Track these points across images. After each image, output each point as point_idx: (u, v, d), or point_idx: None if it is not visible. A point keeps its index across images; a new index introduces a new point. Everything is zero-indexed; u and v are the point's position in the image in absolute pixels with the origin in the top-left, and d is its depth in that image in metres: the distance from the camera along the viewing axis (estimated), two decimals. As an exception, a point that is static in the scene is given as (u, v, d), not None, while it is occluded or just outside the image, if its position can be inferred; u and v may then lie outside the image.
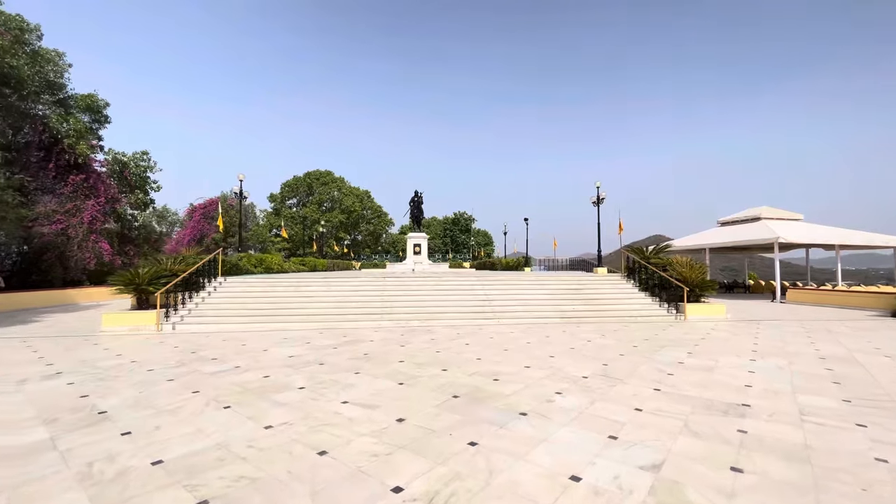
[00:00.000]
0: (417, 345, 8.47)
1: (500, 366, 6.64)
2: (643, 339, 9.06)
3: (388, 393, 5.22)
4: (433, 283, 14.52)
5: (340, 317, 11.69)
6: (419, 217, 35.89)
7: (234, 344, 8.69)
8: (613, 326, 10.99)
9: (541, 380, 5.81)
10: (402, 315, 11.94)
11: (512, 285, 14.58)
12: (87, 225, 21.23)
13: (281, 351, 7.90)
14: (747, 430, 4.01)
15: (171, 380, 5.90)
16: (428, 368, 6.49)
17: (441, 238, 69.38)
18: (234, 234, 42.11)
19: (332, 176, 55.65)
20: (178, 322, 11.07)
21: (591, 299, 13.57)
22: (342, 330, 10.47)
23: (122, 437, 3.91)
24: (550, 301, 13.34)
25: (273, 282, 13.92)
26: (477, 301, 13.16)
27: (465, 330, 10.40)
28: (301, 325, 11.10)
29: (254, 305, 12.23)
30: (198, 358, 7.33)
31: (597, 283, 15.03)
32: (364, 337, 9.45)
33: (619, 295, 14.17)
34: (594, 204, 19.84)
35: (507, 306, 12.84)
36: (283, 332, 10.12)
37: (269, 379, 5.90)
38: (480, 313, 12.29)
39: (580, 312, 12.56)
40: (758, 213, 23.00)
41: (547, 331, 10.26)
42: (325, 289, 13.66)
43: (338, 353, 7.72)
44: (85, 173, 22.10)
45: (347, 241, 58.25)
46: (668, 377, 5.96)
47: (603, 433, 3.94)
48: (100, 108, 23.95)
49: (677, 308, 12.82)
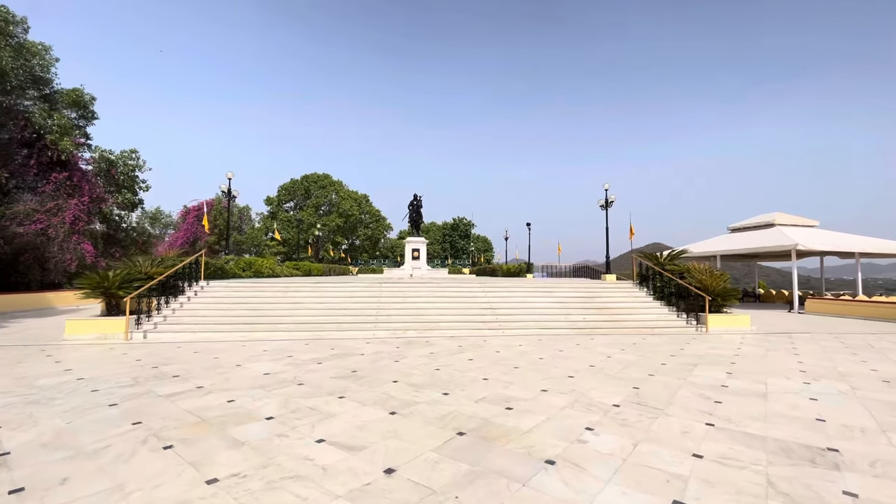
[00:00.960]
0: (414, 360, 7.43)
1: (511, 388, 5.61)
2: (669, 355, 8.03)
3: (376, 427, 4.19)
4: (432, 290, 13.50)
5: (330, 326, 10.64)
6: (418, 221, 34.94)
7: (205, 357, 7.63)
8: (631, 339, 9.96)
9: (564, 409, 4.77)
10: (399, 325, 10.90)
11: (516, 292, 13.56)
12: (69, 225, 20.18)
13: (257, 367, 6.85)
14: (857, 493, 2.98)
15: (115, 405, 4.85)
16: (426, 391, 5.45)
17: (440, 243, 68.44)
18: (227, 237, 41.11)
19: (329, 179, 54.75)
20: (150, 330, 10.01)
21: (603, 308, 12.55)
22: (331, 341, 9.42)
23: (9, 496, 2.86)
24: (559, 310, 12.31)
25: (259, 287, 12.87)
26: (479, 310, 12.13)
27: (468, 342, 9.36)
28: (286, 334, 10.05)
29: (236, 312, 11.18)
30: (157, 375, 6.28)
31: (608, 291, 14.01)
32: (355, 350, 8.40)
33: (632, 304, 13.16)
34: (602, 207, 18.89)
35: (513, 316, 11.81)
36: (264, 343, 9.07)
37: (232, 405, 4.86)
38: (484, 323, 11.25)
39: (592, 323, 11.53)
40: (771, 219, 22.07)
41: (559, 343, 9.23)
42: (315, 295, 12.62)
43: (322, 369, 6.67)
44: (68, 171, 21.10)
45: (345, 246, 57.24)
46: (716, 406, 4.93)
47: (663, 496, 2.91)
48: (86, 104, 23.02)
49: (697, 319, 11.80)
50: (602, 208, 18.84)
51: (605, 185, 18.47)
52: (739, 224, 24.21)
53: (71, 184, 21.13)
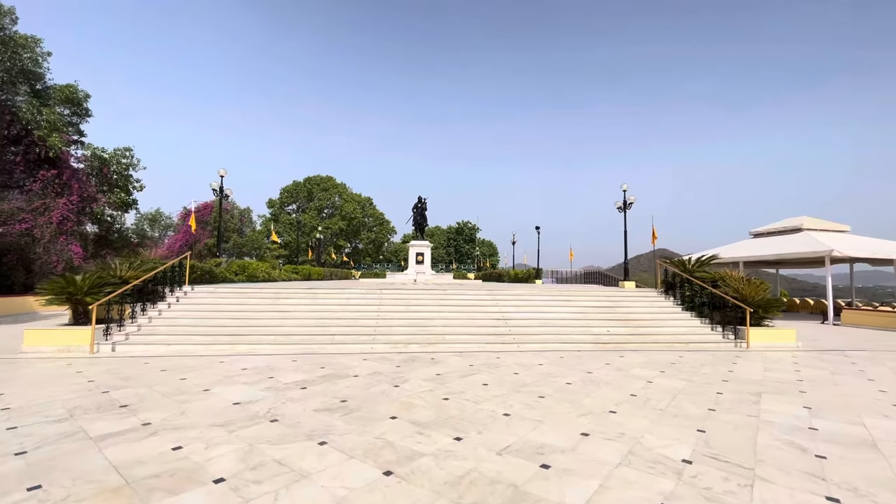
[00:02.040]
0: (417, 384, 6.22)
1: (542, 431, 4.39)
2: (720, 380, 6.77)
3: (362, 500, 2.99)
4: (438, 297, 12.30)
5: (323, 338, 9.46)
6: (423, 224, 33.82)
7: (172, 378, 6.47)
8: (665, 357, 8.70)
9: (619, 468, 3.54)
10: (400, 337, 9.70)
11: (530, 301, 12.33)
12: (56, 225, 19.20)
13: (228, 392, 5.67)
14: None
15: (23, 453, 3.69)
16: (433, 434, 4.25)
17: (444, 248, 67.33)
18: (227, 240, 40.16)
19: (333, 181, 53.84)
20: (121, 342, 8.88)
21: (628, 320, 11.28)
22: (322, 357, 8.23)
23: None
24: (580, 321, 11.06)
25: (247, 292, 11.73)
26: (491, 320, 10.91)
27: (480, 360, 8.14)
28: (273, 348, 8.88)
29: (219, 322, 10.03)
30: (103, 404, 5.12)
31: (630, 301, 12.74)
32: (348, 369, 7.21)
33: (659, 315, 11.88)
34: (620, 209, 17.65)
35: (529, 328, 10.57)
36: (246, 359, 7.90)
37: (177, 455, 3.67)
38: (496, 335, 10.03)
39: (618, 337, 10.27)
40: (798, 223, 20.72)
41: (585, 362, 7.98)
42: (308, 302, 11.45)
43: (305, 397, 5.48)
44: (58, 169, 20.19)
45: (348, 250, 56.24)
46: (822, 464, 3.68)
47: None
48: (80, 101, 22.16)
49: (735, 332, 10.51)
50: (619, 210, 17.60)
51: (623, 185, 17.24)
52: (763, 229, 22.86)
53: (60, 182, 20.21)
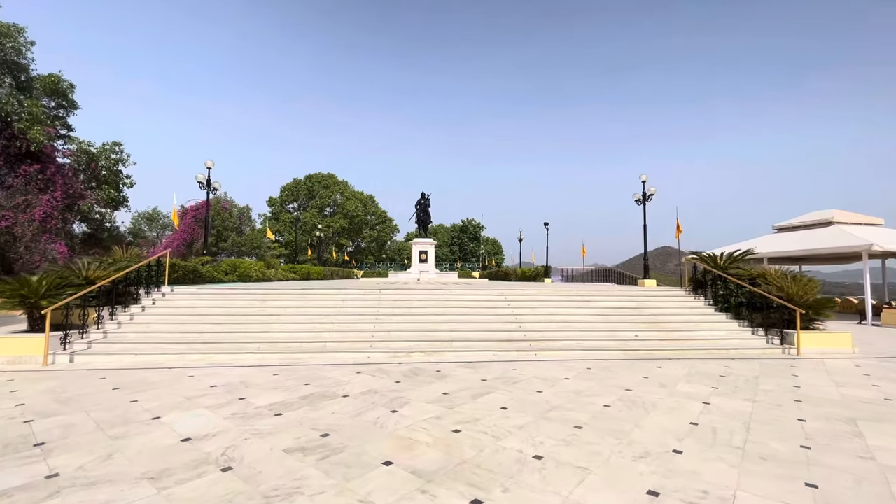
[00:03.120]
0: (420, 408, 5.04)
1: (591, 486, 3.18)
2: (791, 400, 5.54)
3: None
4: (443, 298, 11.11)
5: (313, 346, 8.30)
6: (426, 221, 32.65)
7: (122, 398, 5.32)
8: (710, 367, 7.46)
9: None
10: (401, 344, 8.52)
11: (545, 302, 11.11)
12: (39, 223, 18.17)
13: (181, 422, 4.51)
14: None
15: None
16: (441, 496, 3.05)
17: (448, 246, 66.15)
18: (226, 239, 39.18)
19: (334, 179, 52.75)
20: (81, 351, 7.77)
21: (657, 323, 10.04)
22: (309, 370, 7.06)
23: None
24: (603, 325, 9.84)
25: (233, 294, 10.60)
26: (503, 323, 9.71)
27: (493, 371, 6.94)
28: (254, 357, 7.73)
29: (197, 328, 8.90)
30: (13, 440, 3.97)
31: (656, 301, 11.50)
32: (338, 385, 6.03)
33: (690, 317, 10.62)
34: (638, 202, 16.37)
35: (546, 332, 9.36)
36: (220, 373, 6.74)
37: (65, 539, 2.51)
38: (510, 342, 8.83)
39: (648, 343, 9.04)
40: (828, 216, 19.34)
41: (617, 375, 6.77)
42: (299, 305, 10.29)
43: (276, 429, 4.31)
44: (41, 163, 19.16)
45: (350, 248, 55.18)
46: None
47: None
48: (65, 92, 21.11)
49: (781, 337, 9.25)
50: (638, 202, 16.31)
51: (642, 176, 15.95)
52: (788, 223, 21.48)
53: (43, 178, 19.17)
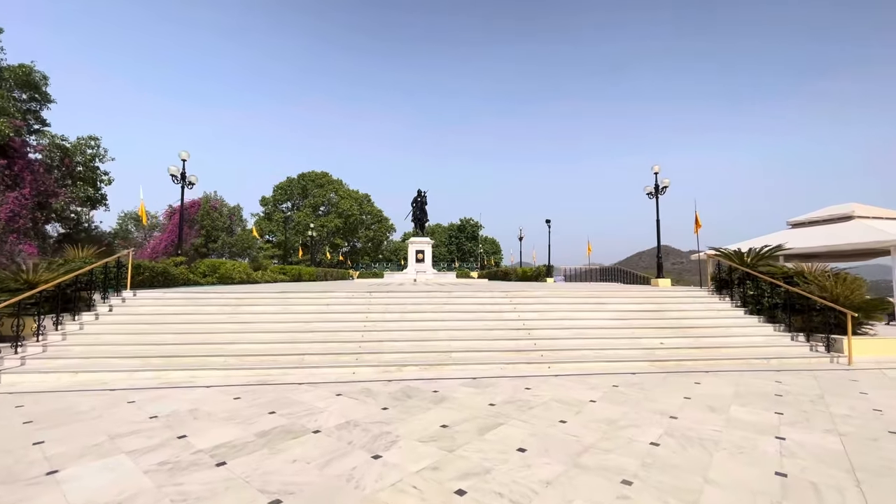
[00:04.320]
0: (410, 451, 3.84)
1: None
2: (886, 432, 4.38)
3: None
4: (441, 301, 9.92)
5: (289, 360, 7.09)
6: (423, 220, 31.46)
7: (27, 436, 4.11)
8: (758, 383, 6.30)
9: None
10: (393, 356, 7.32)
11: (555, 305, 9.95)
12: (6, 222, 16.88)
13: (85, 477, 3.30)
14: None
15: None
16: None
17: (446, 245, 65.00)
18: (215, 240, 37.88)
19: (328, 178, 51.47)
20: (12, 368, 6.56)
21: (682, 328, 8.89)
22: (280, 389, 5.85)
23: None
24: (622, 330, 8.67)
25: (204, 299, 9.38)
26: (509, 330, 8.53)
27: (503, 391, 5.75)
28: (217, 375, 6.51)
29: (156, 339, 7.67)
30: None
31: (677, 302, 10.35)
32: (310, 414, 4.83)
33: (717, 320, 9.47)
34: (650, 195, 15.23)
35: (559, 340, 8.18)
36: (166, 398, 5.52)
37: None
38: (518, 352, 7.65)
39: (676, 352, 7.87)
40: (848, 210, 18.27)
41: (652, 394, 5.59)
42: (277, 310, 9.08)
43: (212, 491, 3.10)
44: (7, 158, 17.85)
45: (345, 249, 53.93)
46: None
47: None
48: (37, 84, 19.80)
49: (828, 344, 8.11)
50: (650, 196, 15.18)
51: (654, 167, 14.82)
52: (804, 218, 20.39)
53: (11, 174, 17.87)
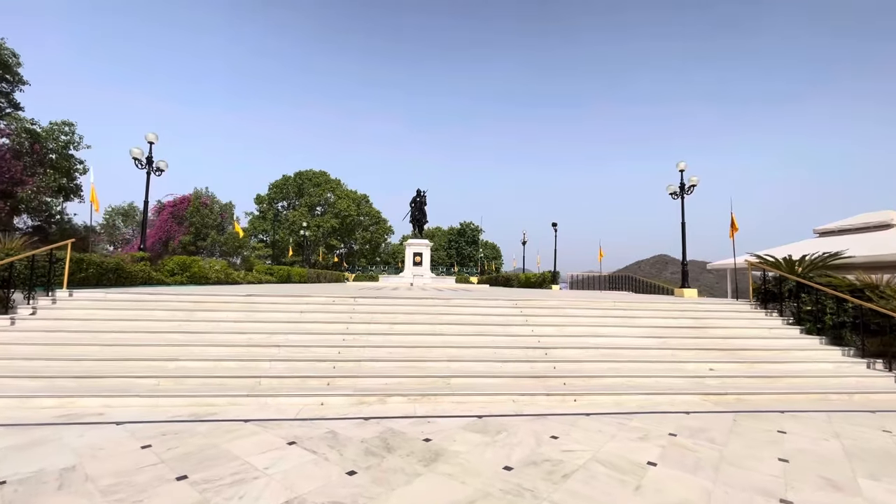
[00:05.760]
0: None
1: None
2: None
3: None
4: (438, 309, 8.32)
5: (241, 384, 5.49)
6: (422, 221, 29.94)
7: None
8: (863, 432, 4.71)
9: None
10: (374, 382, 5.72)
11: (574, 318, 8.36)
12: (-41, 211, 15.30)
13: None
14: None
15: None
16: None
17: (445, 250, 63.47)
18: (205, 238, 36.33)
19: (326, 177, 50.00)
20: None
21: (731, 350, 7.30)
22: (214, 433, 4.23)
23: None
24: (661, 352, 7.08)
25: (153, 302, 7.79)
26: (522, 349, 6.93)
27: (520, 444, 4.15)
28: (142, 404, 4.92)
29: (79, 351, 6.07)
30: None
31: (716, 317, 8.77)
32: (235, 485, 3.22)
33: (770, 340, 7.88)
34: (674, 196, 13.70)
35: (584, 364, 6.59)
36: (47, 443, 3.91)
37: None
38: (535, 379, 6.06)
39: (732, 382, 6.28)
40: (886, 218, 16.80)
41: (731, 454, 4.00)
42: (240, 317, 7.48)
43: None
44: (-34, 142, 16.33)
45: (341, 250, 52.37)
46: None
47: None
48: (6, 63, 18.30)
49: (917, 375, 6.54)
50: (674, 196, 13.65)
51: (680, 164, 13.30)
52: (833, 226, 18.93)
53: (-30, 159, 16.33)
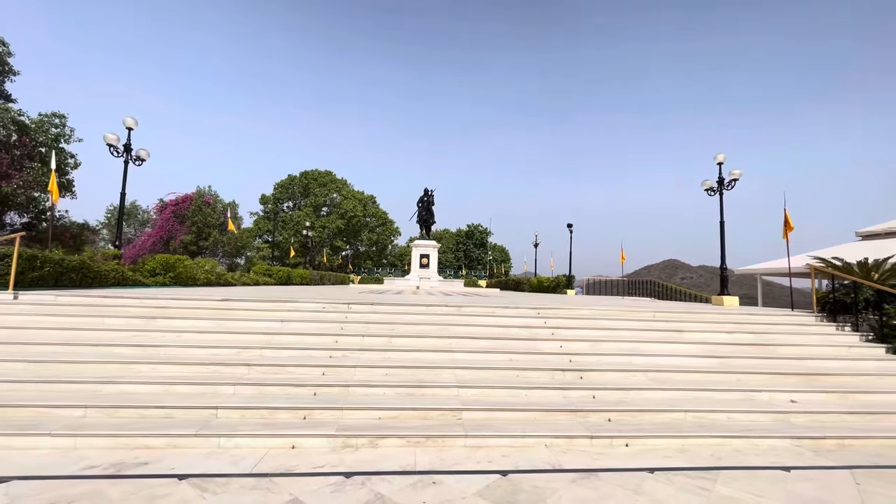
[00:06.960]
0: None
1: None
2: None
3: None
4: (448, 318, 7.04)
5: (193, 416, 4.26)
6: (429, 221, 28.77)
7: None
8: None
9: None
10: (364, 415, 4.46)
11: (609, 330, 7.03)
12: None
13: None
14: None
15: None
16: None
17: (453, 252, 62.23)
18: (206, 237, 35.50)
19: (332, 177, 49.09)
20: None
21: (810, 375, 5.91)
22: (141, 494, 3.00)
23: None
24: (723, 376, 5.72)
25: (112, 307, 6.64)
26: (550, 371, 5.62)
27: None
28: (56, 444, 3.70)
29: (1, 368, 4.91)
30: None
31: (779, 331, 7.36)
32: None
33: (855, 362, 6.47)
34: (711, 192, 12.28)
35: (630, 392, 5.26)
36: None
37: None
38: (571, 412, 4.75)
39: (827, 421, 4.92)
40: (942, 219, 15.19)
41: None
42: (209, 326, 6.28)
43: None
44: (-52, 133, 15.47)
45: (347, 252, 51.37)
46: None
47: None
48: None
49: None
50: (710, 193, 12.22)
51: (718, 156, 11.88)
52: (878, 228, 17.34)
53: (-47, 150, 15.46)
